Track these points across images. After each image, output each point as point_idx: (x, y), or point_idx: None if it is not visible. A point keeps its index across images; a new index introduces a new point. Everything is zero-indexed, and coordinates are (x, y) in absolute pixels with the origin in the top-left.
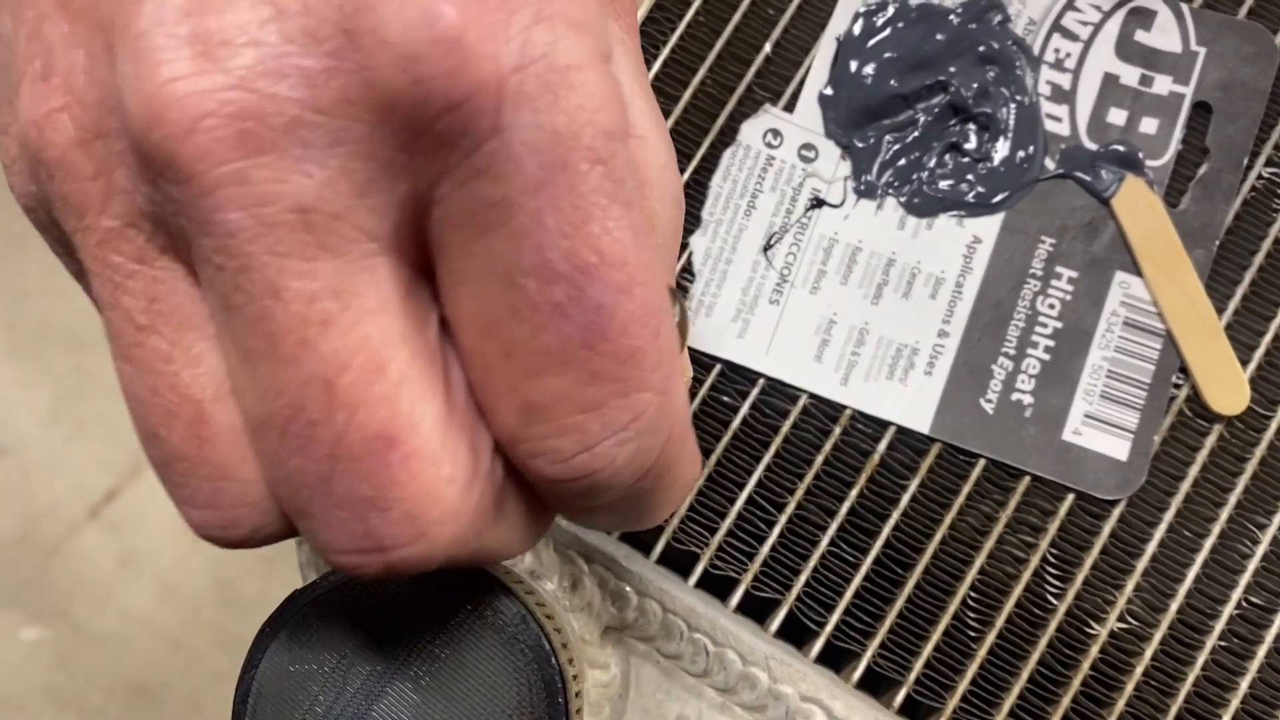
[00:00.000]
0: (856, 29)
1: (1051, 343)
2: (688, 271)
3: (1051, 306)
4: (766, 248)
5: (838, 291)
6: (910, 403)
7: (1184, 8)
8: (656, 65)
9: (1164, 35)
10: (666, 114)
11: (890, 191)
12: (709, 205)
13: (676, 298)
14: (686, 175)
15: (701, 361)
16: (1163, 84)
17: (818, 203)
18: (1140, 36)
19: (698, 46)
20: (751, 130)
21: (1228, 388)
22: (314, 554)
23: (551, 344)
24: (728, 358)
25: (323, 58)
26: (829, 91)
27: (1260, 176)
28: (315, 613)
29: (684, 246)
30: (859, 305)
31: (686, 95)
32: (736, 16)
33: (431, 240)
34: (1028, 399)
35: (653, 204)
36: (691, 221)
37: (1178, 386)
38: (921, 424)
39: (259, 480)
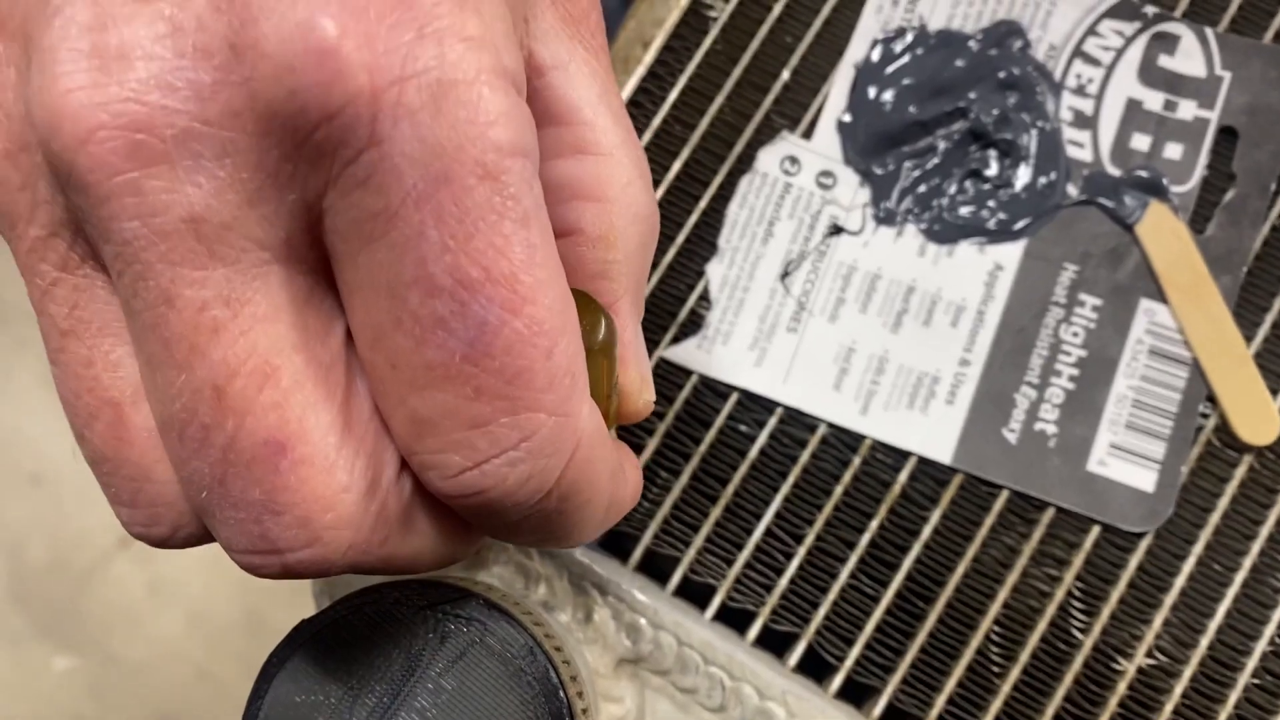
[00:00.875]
0: (875, 55)
1: (1076, 371)
2: (705, 298)
3: (1075, 334)
4: (784, 275)
5: (857, 320)
6: (931, 433)
7: (1208, 32)
8: (674, 94)
9: (1188, 60)
10: (683, 142)
11: (910, 218)
12: (726, 233)
13: (601, 317)
14: (703, 203)
15: (718, 390)
16: (1187, 109)
17: (836, 230)
18: (1164, 61)
19: (715, 75)
20: (769, 157)
21: (1257, 417)
22: (327, 583)
23: (434, 358)
24: (744, 386)
25: (211, 71)
26: (847, 119)
27: None
28: (322, 643)
29: (700, 274)
30: (878, 334)
31: (704, 123)
32: (754, 44)
33: (328, 250)
34: (1052, 429)
35: (613, 220)
36: (708, 249)
37: (1205, 416)
38: (943, 454)
39: (174, 480)
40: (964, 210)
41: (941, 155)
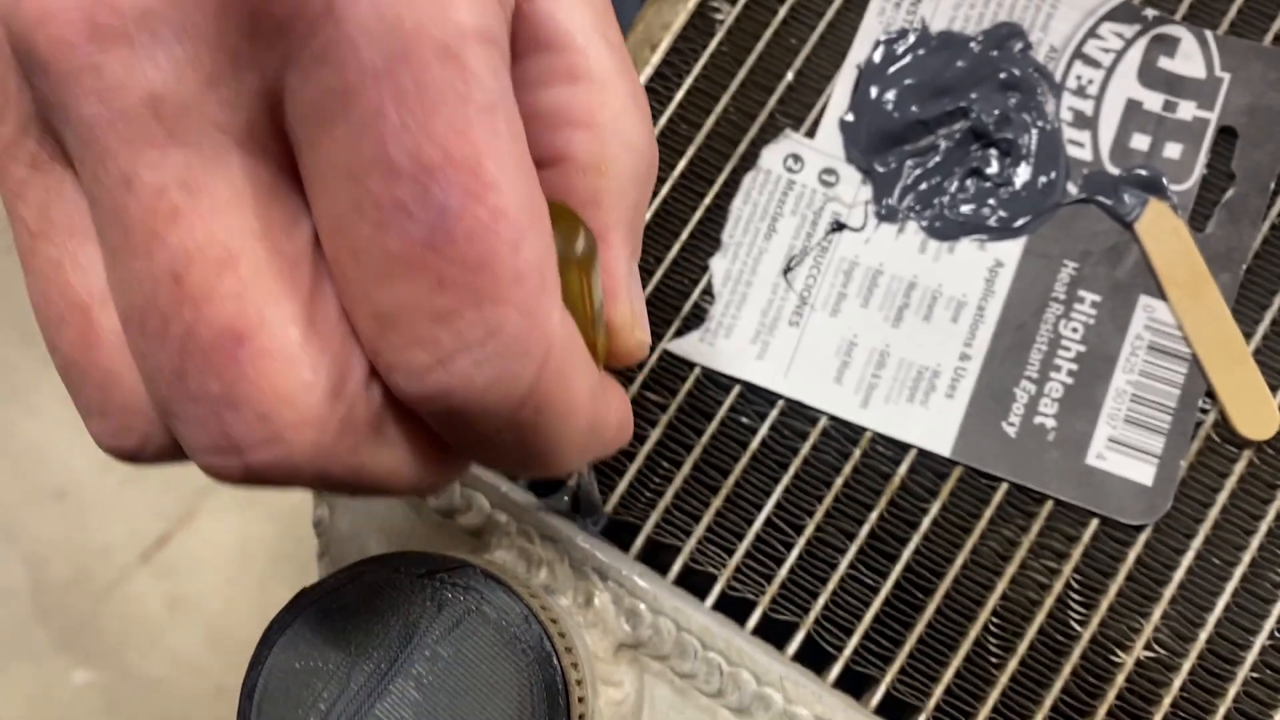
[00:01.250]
0: (877, 56)
1: (1075, 366)
2: (708, 293)
3: (1075, 330)
4: (786, 270)
5: (858, 314)
6: (931, 425)
7: (1208, 35)
8: (680, 94)
9: (1188, 62)
10: (688, 140)
11: (911, 215)
12: (729, 228)
13: (581, 229)
14: (708, 199)
15: (720, 382)
16: (1186, 109)
17: (838, 226)
18: (1164, 63)
19: (721, 76)
20: (772, 155)
21: (1256, 412)
22: (327, 547)
23: (395, 246)
24: (746, 378)
25: None
26: (850, 118)
27: None
28: (321, 611)
29: (704, 269)
30: (880, 328)
31: (709, 122)
32: (759, 46)
33: (291, 140)
34: (1051, 422)
35: (604, 147)
36: (711, 244)
37: (1205, 411)
38: (943, 447)
39: (143, 387)
40: (965, 208)
41: (943, 154)
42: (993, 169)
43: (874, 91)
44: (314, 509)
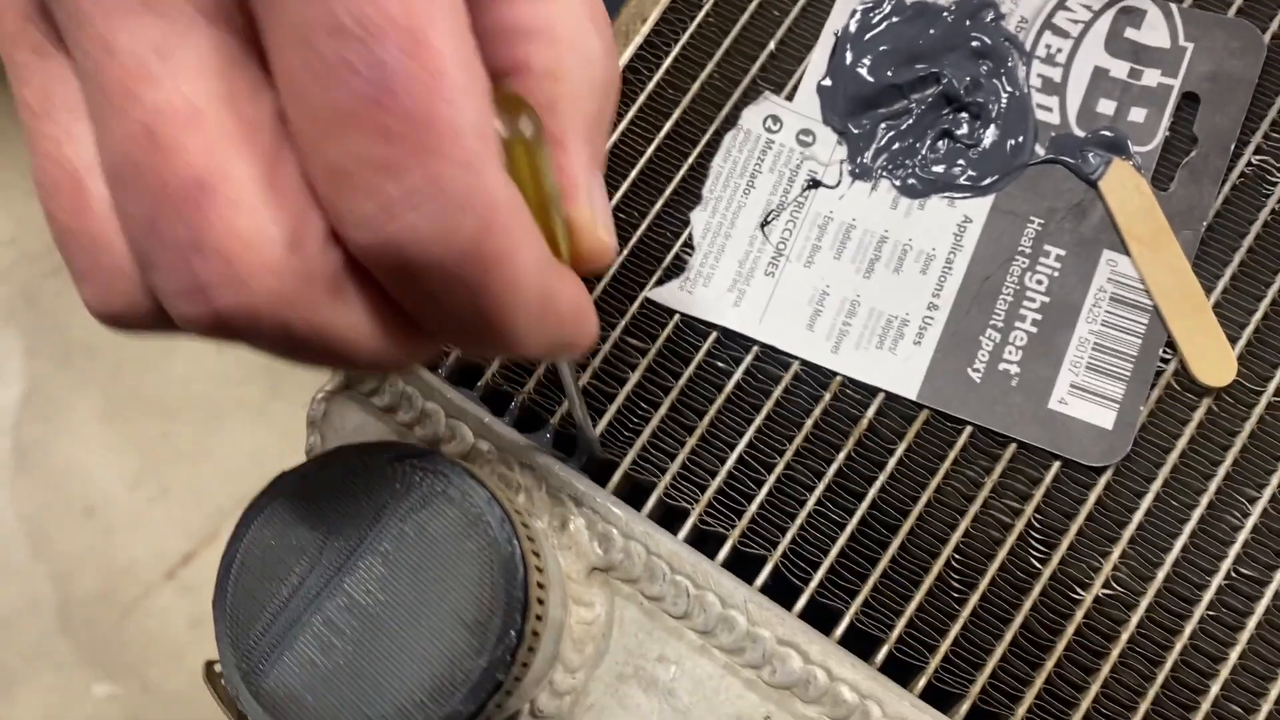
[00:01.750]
0: (854, 24)
1: (1039, 316)
2: (688, 245)
3: (1039, 282)
4: (764, 224)
5: (831, 265)
6: (899, 370)
7: (1173, 7)
8: (667, 61)
9: (1153, 32)
10: (674, 104)
11: (884, 174)
12: (709, 183)
13: (527, 113)
14: (691, 158)
15: (698, 329)
16: (1151, 76)
17: (814, 183)
18: (1130, 34)
19: (706, 44)
20: (752, 115)
21: (1214, 360)
22: (316, 443)
23: (342, 101)
24: (723, 324)
25: None
26: (827, 83)
27: (1250, 164)
28: (298, 492)
29: (685, 223)
30: (851, 279)
31: (694, 88)
32: (744, 17)
33: (252, 11)
34: (1014, 369)
35: (561, 58)
36: (692, 198)
37: (1165, 361)
38: (909, 390)
39: (128, 251)
40: (935, 168)
41: (915, 117)
42: (963, 131)
43: (850, 57)
44: (306, 438)
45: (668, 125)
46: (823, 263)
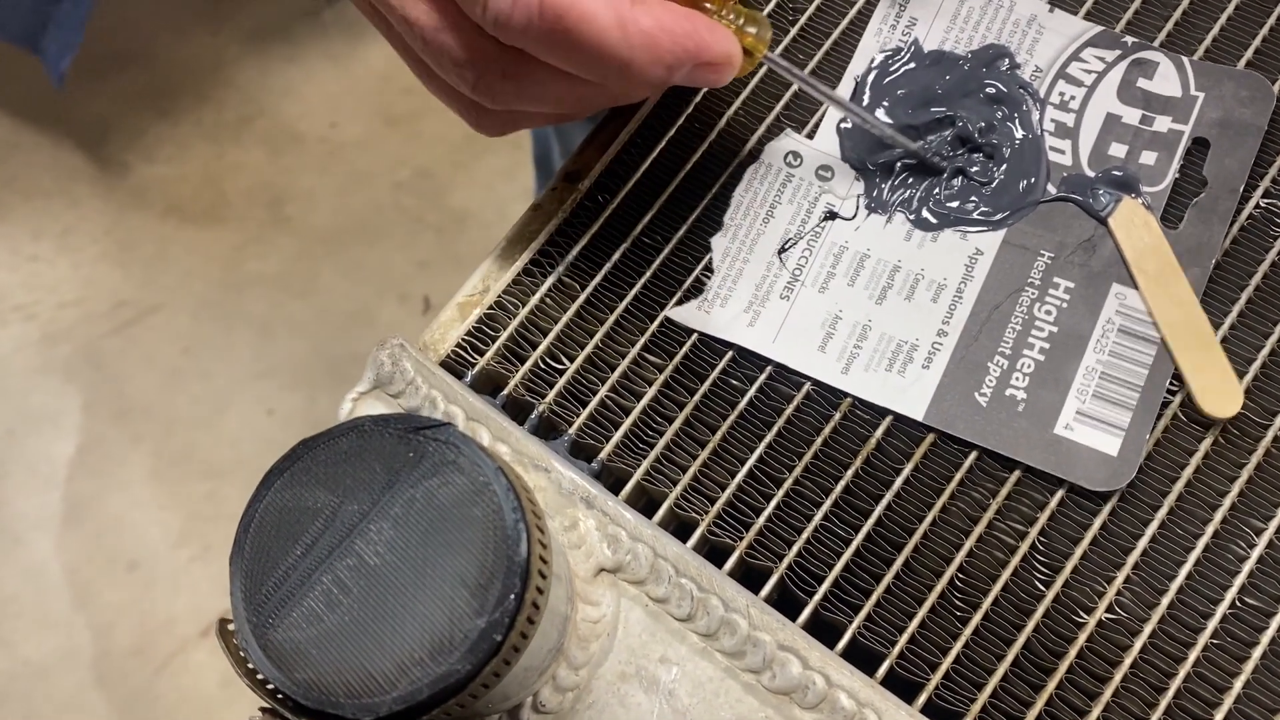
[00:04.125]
0: (874, 70)
1: (1047, 345)
2: (708, 269)
3: (1048, 313)
4: (781, 250)
5: (845, 291)
6: (907, 393)
7: (1184, 60)
8: (696, 98)
9: (1165, 82)
10: (702, 138)
11: (899, 208)
12: (730, 211)
13: None
14: (714, 189)
15: (714, 348)
16: (1162, 123)
17: (831, 215)
18: (1142, 83)
19: (733, 84)
20: (774, 151)
21: (1220, 392)
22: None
23: None
24: (737, 342)
25: None
26: (847, 124)
27: (1258, 206)
28: (317, 458)
29: (706, 249)
30: (864, 304)
31: (720, 124)
32: (745, 92)
33: None
34: (1021, 394)
35: None
36: (713, 224)
37: (1172, 393)
38: (916, 412)
39: None
40: (950, 203)
41: (931, 156)
42: (976, 170)
43: (869, 100)
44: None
45: (694, 157)
46: (836, 289)
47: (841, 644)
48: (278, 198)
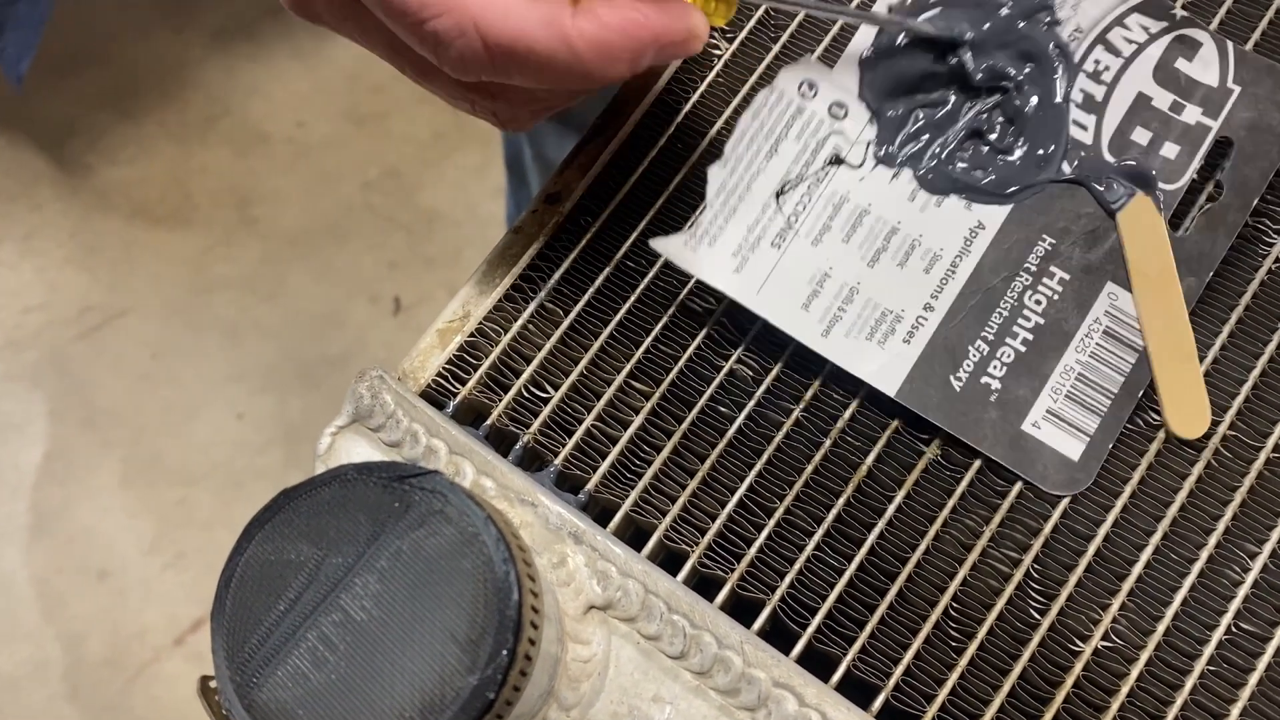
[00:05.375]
0: (908, 4)
1: (1030, 337)
2: (698, 199)
3: (1038, 302)
4: (779, 193)
5: (838, 248)
6: (883, 366)
7: (1229, 45)
8: (681, 114)
9: (1204, 68)
10: (686, 159)
11: (908, 163)
12: (732, 142)
13: None
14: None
15: (700, 373)
16: (1191, 114)
17: (837, 160)
18: (1181, 65)
19: (722, 96)
20: (789, 77)
21: (1190, 412)
22: (326, 457)
23: None
24: (721, 288)
25: None
26: (869, 54)
27: (1247, 224)
28: (299, 509)
29: (702, 176)
30: (855, 265)
31: (703, 144)
32: (751, 79)
33: None
34: (996, 384)
35: None
36: (713, 153)
37: (1158, 414)
38: (889, 387)
39: None
40: (960, 165)
41: (950, 109)
42: (994, 135)
43: (899, 37)
44: (314, 471)
45: (677, 179)
46: (830, 243)
47: (836, 677)
48: (245, 199)
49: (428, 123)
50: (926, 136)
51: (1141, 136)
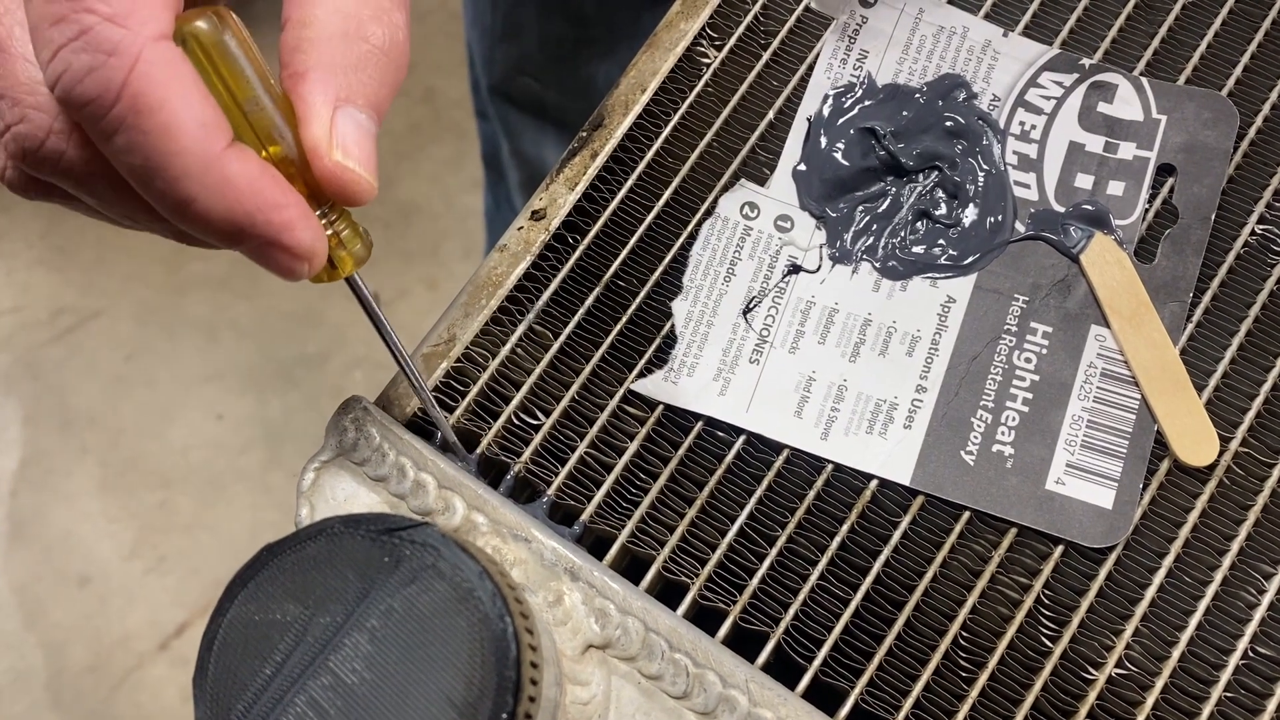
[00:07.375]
0: (826, 109)
1: (1030, 395)
2: (670, 336)
3: (1028, 360)
4: (746, 310)
5: (816, 350)
6: (891, 455)
7: (1144, 81)
8: (677, 116)
9: (1125, 106)
10: (678, 168)
11: (864, 257)
12: (689, 272)
13: (210, 16)
14: (674, 248)
15: (684, 423)
16: (1127, 150)
17: (794, 269)
18: (1103, 108)
19: (706, 113)
20: (729, 203)
21: (1195, 439)
22: (307, 514)
23: None
24: (709, 414)
25: None
26: (802, 167)
27: (1254, 233)
28: (283, 566)
29: (666, 313)
30: (837, 363)
31: (697, 152)
32: (742, 88)
33: None
34: (1009, 450)
35: (315, 11)
36: (673, 288)
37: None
38: (902, 476)
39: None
40: (916, 249)
41: (892, 198)
42: (941, 211)
43: (824, 142)
44: (297, 508)
45: (670, 190)
46: (807, 348)
47: (844, 711)
48: None
49: (401, 115)
50: (875, 228)
51: (1085, 181)
